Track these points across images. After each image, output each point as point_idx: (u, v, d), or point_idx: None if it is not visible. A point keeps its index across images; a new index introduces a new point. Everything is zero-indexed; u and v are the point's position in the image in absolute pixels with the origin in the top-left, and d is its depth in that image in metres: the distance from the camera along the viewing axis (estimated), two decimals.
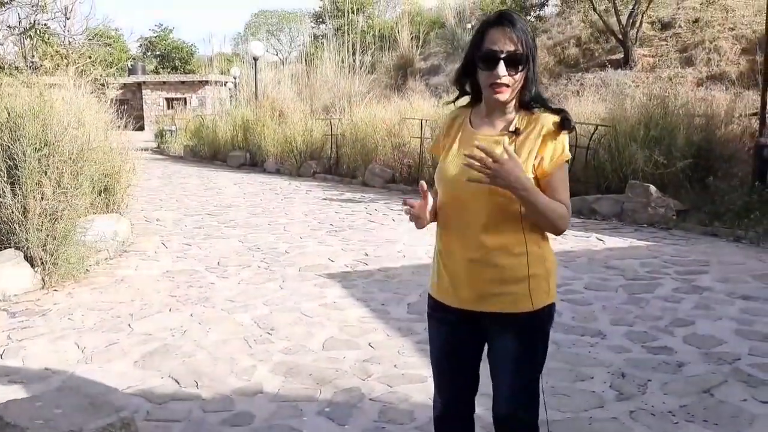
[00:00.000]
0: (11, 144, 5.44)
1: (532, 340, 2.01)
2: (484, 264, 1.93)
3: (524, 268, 1.92)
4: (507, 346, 2.00)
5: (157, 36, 44.24)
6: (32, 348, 4.18)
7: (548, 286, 1.99)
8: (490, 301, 1.96)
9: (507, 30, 1.87)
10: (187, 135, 20.00)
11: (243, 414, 3.26)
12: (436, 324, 2.14)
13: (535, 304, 1.95)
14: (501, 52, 1.86)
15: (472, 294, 1.98)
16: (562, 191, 1.92)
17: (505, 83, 1.88)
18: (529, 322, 1.97)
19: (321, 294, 5.28)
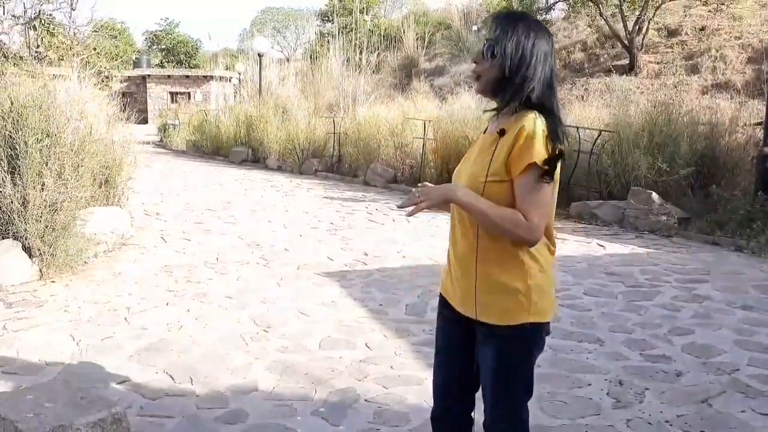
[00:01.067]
0: (13, 133, 5.42)
1: (509, 357, 1.95)
2: (466, 268, 1.95)
3: (504, 279, 1.88)
4: (485, 356, 1.98)
5: (163, 30, 44.25)
6: (27, 339, 4.16)
7: (529, 303, 1.88)
8: (469, 307, 1.96)
9: (494, 28, 1.91)
10: (190, 130, 19.97)
11: (237, 412, 3.24)
12: (440, 320, 2.18)
13: (513, 319, 1.88)
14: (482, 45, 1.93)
15: (459, 297, 2.00)
16: (523, 200, 1.81)
17: (476, 72, 1.94)
18: (507, 338, 1.92)
19: (319, 293, 5.26)
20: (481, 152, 1.93)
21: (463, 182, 1.92)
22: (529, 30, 1.88)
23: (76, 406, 2.31)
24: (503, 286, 1.88)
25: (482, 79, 1.93)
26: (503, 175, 1.83)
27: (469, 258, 1.93)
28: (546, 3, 18.19)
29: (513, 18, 1.92)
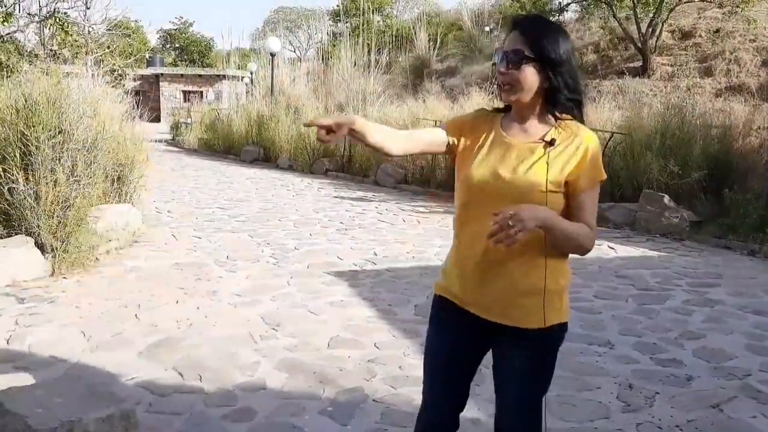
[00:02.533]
0: (26, 130, 5.46)
1: (541, 359, 1.95)
2: (498, 273, 1.88)
3: (539, 281, 1.85)
4: (515, 363, 1.95)
5: (177, 29, 44.47)
6: (39, 334, 4.19)
7: (561, 304, 1.93)
8: (500, 312, 1.90)
9: (518, 32, 1.86)
10: (202, 128, 20.06)
11: (245, 410, 3.25)
12: (440, 326, 2.08)
13: (547, 321, 1.88)
14: (506, 52, 1.85)
15: (483, 302, 1.92)
16: (590, 212, 1.87)
17: (502, 81, 1.86)
18: (538, 339, 1.90)
19: (328, 292, 5.26)
20: (525, 159, 1.85)
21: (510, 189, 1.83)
22: (560, 33, 1.88)
23: (86, 402, 2.33)
24: (549, 290, 1.87)
25: (514, 88, 1.85)
26: (560, 186, 1.83)
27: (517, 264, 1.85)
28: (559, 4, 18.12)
29: (543, 24, 1.89)
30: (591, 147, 1.85)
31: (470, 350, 2.05)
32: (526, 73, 1.83)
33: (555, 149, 1.83)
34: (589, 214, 1.87)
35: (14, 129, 5.49)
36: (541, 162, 1.83)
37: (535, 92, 1.86)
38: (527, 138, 1.90)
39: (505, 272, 1.87)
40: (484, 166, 1.90)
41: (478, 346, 2.04)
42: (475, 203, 1.91)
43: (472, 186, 1.91)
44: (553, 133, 1.87)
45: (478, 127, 1.99)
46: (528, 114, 1.91)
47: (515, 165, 1.86)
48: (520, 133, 1.92)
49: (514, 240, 1.68)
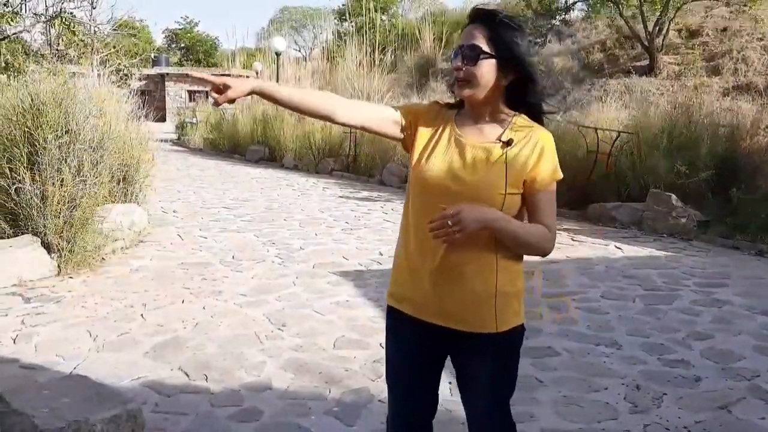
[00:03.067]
0: (33, 130, 5.47)
1: (503, 363, 1.91)
2: (453, 278, 1.81)
3: (496, 284, 1.81)
4: (475, 369, 1.91)
5: (182, 28, 44.56)
6: (45, 334, 4.19)
7: (519, 306, 1.89)
8: (456, 318, 1.84)
9: (475, 26, 1.79)
10: (207, 128, 20.08)
11: (251, 410, 3.24)
12: (397, 337, 2.02)
13: (506, 325, 1.85)
14: (460, 47, 1.79)
15: (438, 309, 1.85)
16: (548, 213, 1.83)
17: (459, 77, 1.80)
18: (499, 344, 1.86)
19: (334, 292, 5.26)
20: (482, 160, 1.79)
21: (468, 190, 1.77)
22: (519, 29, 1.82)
23: (92, 402, 2.32)
24: (505, 293, 1.84)
25: (471, 84, 1.79)
26: (519, 188, 1.79)
27: (471, 268, 1.80)
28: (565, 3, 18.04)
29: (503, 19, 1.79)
30: (547, 146, 1.81)
31: (429, 359, 1.98)
32: (482, 69, 1.77)
33: (512, 149, 1.79)
34: (547, 214, 1.83)
35: (21, 129, 5.51)
36: (500, 163, 1.78)
37: (490, 90, 1.80)
38: (483, 138, 1.84)
39: (460, 277, 1.81)
40: (440, 167, 1.83)
41: (436, 354, 1.98)
42: (428, 205, 1.83)
43: (428, 187, 1.84)
44: (509, 133, 1.82)
45: (432, 120, 1.92)
46: (483, 112, 1.86)
47: (473, 166, 1.80)
48: (474, 132, 1.86)
49: (452, 238, 1.68)
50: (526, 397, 3.38)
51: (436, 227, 1.68)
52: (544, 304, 4.98)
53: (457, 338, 1.87)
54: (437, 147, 1.86)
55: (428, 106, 1.97)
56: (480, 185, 1.77)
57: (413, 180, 1.89)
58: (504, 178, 1.77)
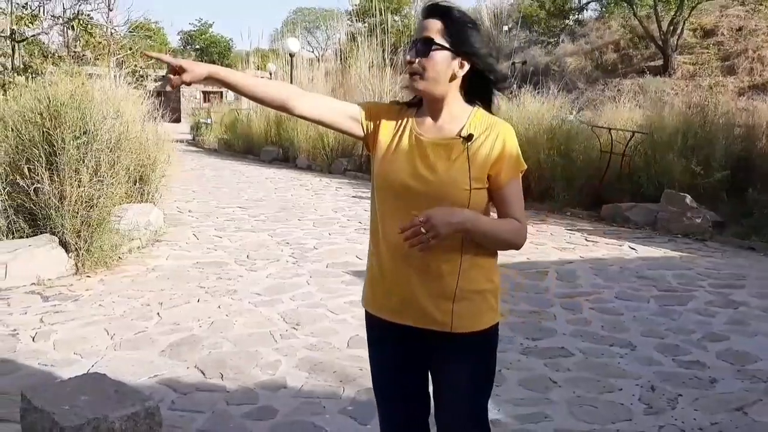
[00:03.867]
0: (52, 131, 5.54)
1: (479, 362, 1.86)
2: (424, 278, 1.78)
3: (470, 282, 1.78)
4: (450, 369, 1.85)
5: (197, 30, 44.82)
6: (63, 332, 4.25)
7: (496, 303, 1.85)
8: (429, 317, 1.79)
9: (428, 20, 1.76)
10: (221, 128, 20.19)
11: (266, 408, 3.27)
12: (377, 343, 1.98)
13: (482, 323, 1.81)
14: (415, 41, 1.77)
15: (410, 309, 1.81)
16: (516, 205, 1.81)
17: (411, 70, 1.76)
18: (475, 343, 1.82)
19: (347, 291, 5.28)
20: (443, 157, 1.77)
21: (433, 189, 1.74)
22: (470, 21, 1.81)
23: (111, 400, 2.35)
24: (479, 290, 1.81)
25: (424, 77, 1.76)
26: (484, 182, 1.77)
27: (443, 267, 1.77)
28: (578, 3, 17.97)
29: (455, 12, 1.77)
30: (508, 137, 1.79)
31: (408, 361, 1.93)
32: (434, 61, 1.74)
33: (473, 144, 1.77)
34: (516, 207, 1.81)
35: (40, 130, 5.58)
36: (462, 159, 1.76)
37: (446, 83, 1.78)
38: (442, 134, 1.81)
39: (432, 277, 1.78)
40: (402, 167, 1.80)
41: (418, 355, 1.91)
42: (393, 206, 1.81)
43: (392, 189, 1.81)
44: (468, 127, 1.79)
45: (392, 120, 1.88)
46: (440, 108, 1.82)
47: (434, 163, 1.77)
48: (433, 129, 1.83)
49: (428, 245, 1.66)
50: (539, 397, 3.39)
51: (408, 235, 1.65)
52: (557, 304, 4.98)
53: (433, 339, 1.83)
54: (398, 147, 1.84)
55: (389, 105, 1.94)
56: (443, 183, 1.75)
57: (377, 182, 1.86)
58: (467, 173, 1.74)
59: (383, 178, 1.84)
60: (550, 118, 9.49)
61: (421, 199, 1.73)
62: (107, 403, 2.32)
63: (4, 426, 3.01)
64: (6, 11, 8.31)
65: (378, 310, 1.91)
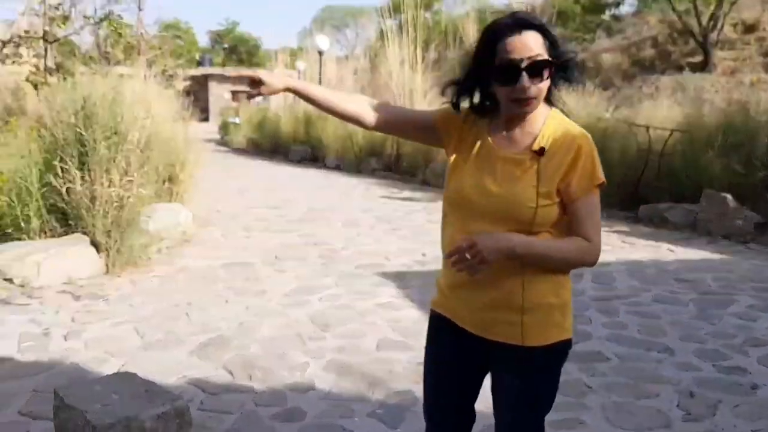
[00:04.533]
0: (84, 131, 5.59)
1: (538, 380, 1.80)
2: (490, 289, 1.73)
3: (537, 296, 1.71)
4: (509, 382, 1.81)
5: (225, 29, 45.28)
6: (94, 332, 4.27)
7: (563, 319, 1.77)
8: (490, 328, 1.76)
9: (525, 35, 1.62)
10: (250, 128, 20.34)
11: (295, 410, 3.23)
12: (436, 344, 1.96)
13: (546, 339, 1.74)
14: (521, 61, 1.61)
15: (475, 318, 1.78)
16: (587, 223, 1.70)
17: (530, 96, 1.64)
18: (539, 358, 1.75)
19: (376, 293, 5.22)
20: (512, 171, 1.69)
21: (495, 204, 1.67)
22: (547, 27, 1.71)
23: (141, 399, 2.34)
24: (544, 304, 1.74)
25: (537, 100, 1.67)
26: (553, 198, 1.67)
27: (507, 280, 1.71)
28: None
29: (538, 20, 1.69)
30: (584, 147, 1.68)
31: (468, 369, 1.91)
32: (547, 81, 1.66)
33: (544, 159, 1.68)
34: (586, 224, 1.70)
35: (73, 130, 5.63)
36: (530, 174, 1.67)
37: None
38: (514, 148, 1.72)
39: (489, 287, 1.73)
40: (470, 181, 1.74)
41: (475, 364, 1.89)
42: (460, 217, 1.77)
43: (455, 198, 1.78)
44: (541, 140, 1.69)
45: (467, 127, 1.82)
46: (518, 122, 1.73)
47: (501, 178, 1.70)
48: (506, 142, 1.74)
49: (476, 270, 1.61)
50: (574, 402, 3.29)
51: (455, 261, 1.61)
52: (593, 307, 4.86)
53: (496, 350, 1.79)
54: (468, 157, 1.78)
55: (465, 114, 1.83)
56: (508, 200, 1.67)
57: (446, 192, 1.83)
58: (535, 189, 1.65)
59: (451, 189, 1.80)
60: (586, 116, 9.31)
61: (481, 214, 1.69)
62: (138, 402, 2.32)
63: (37, 423, 3.03)
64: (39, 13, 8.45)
65: (442, 309, 1.89)
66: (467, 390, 1.95)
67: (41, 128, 6.25)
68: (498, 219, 1.66)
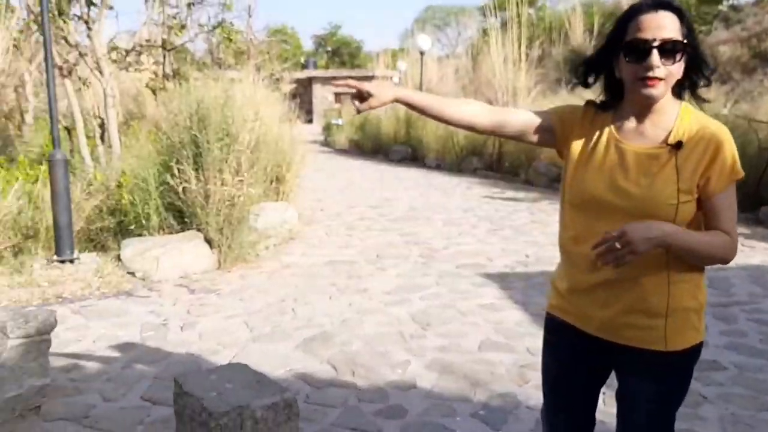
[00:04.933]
0: (198, 133, 5.91)
1: (674, 384, 1.72)
2: (620, 291, 1.66)
3: (678, 297, 1.64)
4: (641, 388, 1.73)
5: (328, 33, 46.31)
6: (207, 323, 4.50)
7: (699, 322, 1.70)
8: (623, 332, 1.69)
9: (661, 14, 1.56)
10: (352, 129, 20.70)
11: (396, 407, 3.27)
12: (553, 348, 1.90)
13: (682, 343, 1.67)
14: (654, 40, 1.54)
15: (601, 322, 1.71)
16: (725, 218, 1.62)
17: (659, 76, 1.56)
18: (672, 362, 1.68)
19: (478, 293, 5.18)
20: (648, 169, 1.62)
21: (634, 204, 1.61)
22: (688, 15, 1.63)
23: (253, 389, 2.44)
24: (683, 308, 1.67)
25: (664, 83, 1.59)
26: (693, 193, 1.61)
27: (646, 281, 1.64)
28: None
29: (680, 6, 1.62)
30: (725, 141, 1.60)
31: (589, 374, 1.85)
32: (679, 65, 1.58)
33: (682, 152, 1.59)
34: (726, 219, 1.62)
35: (188, 133, 5.96)
36: (668, 170, 1.59)
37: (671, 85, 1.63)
38: (647, 142, 1.64)
39: (628, 290, 1.66)
40: (599, 179, 1.66)
41: (597, 369, 1.84)
42: (585, 217, 1.69)
43: (587, 199, 1.69)
44: (676, 133, 1.61)
45: (587, 124, 1.75)
46: (648, 113, 1.65)
47: (637, 176, 1.62)
48: (635, 135, 1.66)
49: (624, 262, 1.53)
50: (689, 413, 3.13)
51: (602, 252, 1.54)
52: (709, 313, 4.59)
53: (622, 354, 1.73)
54: (594, 156, 1.70)
55: (583, 109, 1.79)
56: (647, 198, 1.60)
57: (569, 194, 1.75)
58: (675, 186, 1.58)
59: (575, 190, 1.72)
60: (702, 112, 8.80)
61: (619, 215, 1.61)
62: (250, 392, 2.42)
63: (157, 408, 3.23)
64: (158, 22, 8.98)
65: (564, 315, 1.83)
66: (588, 395, 1.90)
67: (159, 131, 6.66)
68: (632, 218, 1.58)
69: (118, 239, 6.01)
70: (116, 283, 5.33)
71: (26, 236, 5.87)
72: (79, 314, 4.63)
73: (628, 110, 1.69)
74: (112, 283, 5.31)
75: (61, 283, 5.17)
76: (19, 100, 10.87)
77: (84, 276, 5.33)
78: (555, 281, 1.88)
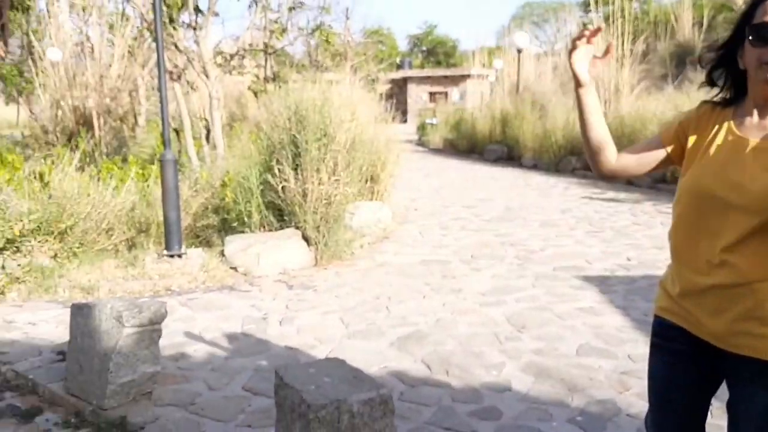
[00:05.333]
0: (297, 134, 6.08)
1: None
2: (734, 296, 1.56)
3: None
4: (753, 400, 1.62)
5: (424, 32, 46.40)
6: (304, 319, 4.62)
7: None
8: (735, 340, 1.59)
9: None
10: (446, 128, 20.63)
11: (491, 409, 3.23)
12: (661, 353, 1.80)
13: None
14: None
15: (713, 328, 1.62)
16: None
17: None
18: None
19: (576, 296, 5.04)
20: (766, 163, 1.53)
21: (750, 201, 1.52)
22: None
23: (350, 384, 2.48)
24: None
25: None
26: None
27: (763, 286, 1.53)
28: None
29: None
30: None
31: (699, 380, 1.74)
32: None
33: None
34: None
35: (288, 133, 6.15)
36: None
37: None
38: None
39: (742, 296, 1.55)
40: (714, 172, 1.59)
41: (707, 376, 1.73)
42: (701, 216, 1.61)
43: (699, 195, 1.61)
44: None
45: (702, 124, 1.68)
46: None
47: (754, 171, 1.53)
48: (757, 129, 1.57)
49: None
50: None
51: None
52: None
53: (736, 363, 1.63)
54: (710, 151, 1.63)
55: (698, 112, 1.72)
56: (764, 193, 1.50)
57: (681, 190, 1.69)
58: None
59: (688, 185, 1.67)
60: None
61: (733, 212, 1.54)
62: (347, 386, 2.46)
63: (257, 399, 3.36)
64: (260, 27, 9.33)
65: (670, 315, 1.76)
66: (697, 403, 1.81)
67: (260, 132, 6.91)
68: (747, 215, 1.51)
69: (222, 236, 6.28)
70: (220, 277, 5.59)
71: (139, 231, 6.27)
72: (186, 306, 4.88)
73: (750, 104, 1.61)
74: (217, 278, 5.57)
75: (170, 276, 5.47)
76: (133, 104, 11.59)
77: (191, 270, 5.61)
78: (664, 283, 1.80)
